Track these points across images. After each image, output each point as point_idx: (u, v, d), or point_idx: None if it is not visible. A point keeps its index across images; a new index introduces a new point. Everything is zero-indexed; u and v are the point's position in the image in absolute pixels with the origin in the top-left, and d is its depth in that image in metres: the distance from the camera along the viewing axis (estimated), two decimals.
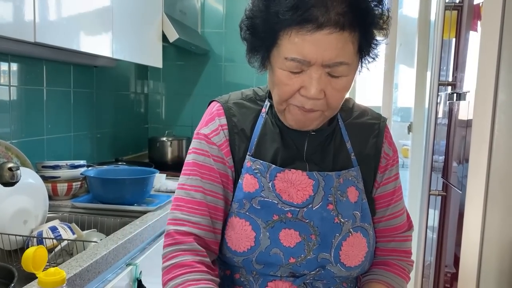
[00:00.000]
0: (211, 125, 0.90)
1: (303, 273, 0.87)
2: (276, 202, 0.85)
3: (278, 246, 0.85)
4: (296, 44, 0.75)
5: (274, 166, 0.86)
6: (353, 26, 0.75)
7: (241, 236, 0.85)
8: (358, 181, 0.90)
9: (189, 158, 0.90)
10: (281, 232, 0.85)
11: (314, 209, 0.85)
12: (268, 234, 0.84)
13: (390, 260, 0.96)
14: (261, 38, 0.80)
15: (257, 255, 0.85)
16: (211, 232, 0.86)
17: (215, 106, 0.93)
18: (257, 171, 0.87)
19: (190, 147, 0.92)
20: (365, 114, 0.96)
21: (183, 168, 0.91)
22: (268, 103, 0.92)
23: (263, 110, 0.91)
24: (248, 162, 0.88)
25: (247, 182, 0.87)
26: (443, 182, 2.12)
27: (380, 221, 0.95)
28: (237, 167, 0.89)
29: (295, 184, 0.86)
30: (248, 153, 0.89)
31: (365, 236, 0.89)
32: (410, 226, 0.99)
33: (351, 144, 0.92)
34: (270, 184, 0.86)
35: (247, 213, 0.86)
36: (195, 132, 0.92)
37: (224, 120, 0.90)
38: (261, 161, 0.87)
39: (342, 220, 0.86)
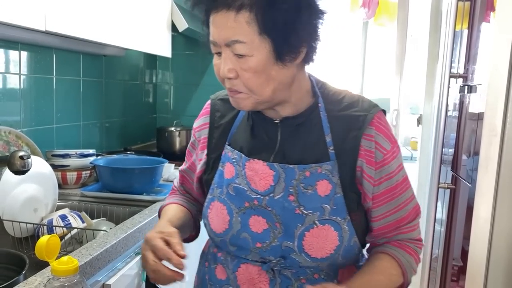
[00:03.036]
0: (199, 120, 1.05)
1: (269, 259, 0.91)
2: (246, 189, 0.92)
3: (247, 231, 0.91)
4: (210, 27, 0.85)
5: (243, 155, 0.94)
6: (243, 6, 0.79)
7: (219, 218, 0.94)
8: (333, 175, 0.89)
9: None
10: (251, 218, 0.91)
11: (275, 198, 0.89)
12: (239, 219, 0.91)
13: (398, 242, 0.95)
14: (205, 25, 0.89)
15: (230, 237, 0.93)
16: (189, 197, 1.12)
17: (206, 103, 1.06)
18: (234, 159, 0.95)
19: None
20: (353, 106, 0.92)
21: None
22: None
23: None
24: (229, 152, 0.96)
25: (228, 170, 0.95)
26: (452, 175, 2.11)
27: (384, 217, 0.93)
28: (215, 157, 0.99)
29: (258, 173, 0.91)
30: (227, 143, 0.97)
31: (336, 230, 0.88)
32: (416, 214, 0.96)
33: (331, 137, 0.90)
34: (243, 172, 0.93)
35: (225, 198, 0.94)
36: None
37: (207, 119, 1.03)
38: (236, 151, 0.95)
39: (305, 212, 0.88)
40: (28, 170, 1.13)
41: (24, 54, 1.71)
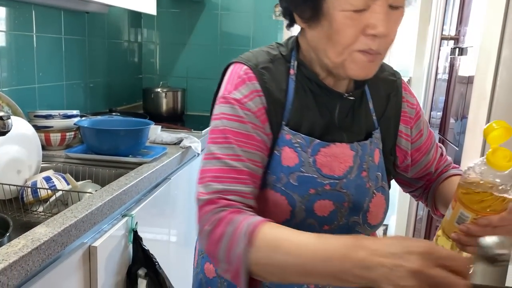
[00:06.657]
0: (242, 89, 0.80)
1: None
2: (316, 176, 0.82)
3: (313, 217, 0.84)
4: None
5: (318, 141, 0.82)
6: None
7: (276, 209, 0.82)
8: (379, 142, 0.89)
9: (218, 125, 0.80)
10: (315, 203, 0.83)
11: (351, 178, 0.85)
12: (303, 207, 0.82)
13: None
14: None
15: (292, 227, 0.75)
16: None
17: (242, 69, 0.82)
18: (297, 145, 0.82)
19: (217, 112, 0.81)
20: (382, 69, 0.90)
21: (211, 136, 0.80)
22: (296, 62, 0.85)
23: (292, 71, 0.84)
24: (288, 134, 0.82)
25: (287, 156, 0.82)
26: (440, 138, 2.12)
27: (428, 166, 0.97)
28: (274, 137, 0.82)
29: (339, 157, 0.83)
30: (283, 122, 0.82)
31: (383, 194, 0.89)
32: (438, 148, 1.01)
33: (372, 103, 0.89)
34: (311, 159, 0.82)
35: (283, 188, 0.82)
36: (221, 96, 0.82)
37: (257, 86, 0.81)
38: (303, 135, 0.82)
39: (371, 184, 0.87)
40: (8, 131, 1.10)
41: (1, 10, 1.63)
